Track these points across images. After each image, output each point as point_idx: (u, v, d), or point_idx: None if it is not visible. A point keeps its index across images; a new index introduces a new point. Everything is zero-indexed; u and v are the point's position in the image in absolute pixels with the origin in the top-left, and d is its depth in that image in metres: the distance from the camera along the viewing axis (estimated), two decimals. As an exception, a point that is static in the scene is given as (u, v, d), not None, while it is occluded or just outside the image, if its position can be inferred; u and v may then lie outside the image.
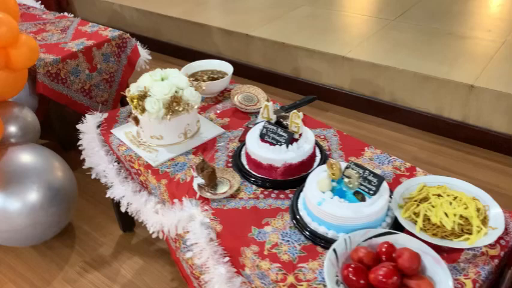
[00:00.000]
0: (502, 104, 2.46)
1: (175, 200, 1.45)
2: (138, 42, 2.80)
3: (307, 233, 1.28)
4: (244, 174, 1.50)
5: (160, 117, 1.56)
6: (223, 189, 1.45)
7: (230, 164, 1.57)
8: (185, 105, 1.57)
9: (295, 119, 1.48)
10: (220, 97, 1.96)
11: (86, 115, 1.81)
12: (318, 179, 1.30)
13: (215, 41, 3.50)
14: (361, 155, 1.58)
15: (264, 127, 1.53)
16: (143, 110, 1.57)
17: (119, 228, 2.14)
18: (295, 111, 1.48)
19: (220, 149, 1.64)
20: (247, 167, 1.53)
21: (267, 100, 1.53)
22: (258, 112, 1.80)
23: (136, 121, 1.64)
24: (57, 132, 2.69)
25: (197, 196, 1.43)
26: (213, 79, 1.96)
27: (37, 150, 2.06)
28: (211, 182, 1.45)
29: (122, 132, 1.74)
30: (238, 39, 3.37)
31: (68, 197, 2.02)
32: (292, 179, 1.47)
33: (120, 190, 1.65)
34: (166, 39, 3.77)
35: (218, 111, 1.84)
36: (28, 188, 1.89)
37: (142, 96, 1.59)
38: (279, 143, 1.48)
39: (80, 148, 1.86)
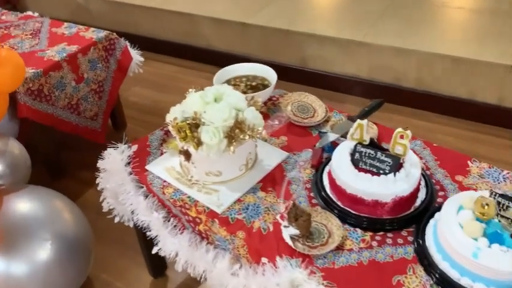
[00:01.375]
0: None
1: (264, 259, 1.12)
2: (127, 43, 2.37)
3: (458, 292, 1.00)
4: (341, 214, 1.19)
5: (222, 149, 1.21)
6: (322, 238, 1.14)
7: (315, 201, 1.25)
8: (250, 130, 1.22)
9: (400, 139, 1.18)
10: (263, 108, 1.61)
11: (109, 149, 1.42)
12: (464, 221, 1.02)
13: (204, 33, 3.10)
14: (468, 172, 1.31)
15: (356, 151, 1.22)
16: (199, 143, 1.21)
17: (147, 273, 1.77)
18: (399, 129, 1.18)
19: (294, 181, 1.31)
20: (339, 203, 1.22)
21: (352, 119, 1.22)
22: (318, 125, 1.49)
23: (188, 156, 1.28)
24: (43, 159, 2.24)
25: (289, 247, 1.11)
26: (252, 88, 1.61)
27: (38, 194, 1.64)
28: (308, 231, 1.14)
29: (162, 169, 1.37)
30: (232, 29, 2.99)
31: (84, 247, 1.63)
32: (403, 216, 1.18)
33: (172, 245, 1.30)
34: (144, 33, 3.31)
35: (273, 129, 1.51)
36: (35, 245, 1.50)
37: (195, 125, 1.23)
38: (381, 171, 1.18)
39: (102, 191, 1.48)
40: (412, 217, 1.17)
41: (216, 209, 1.23)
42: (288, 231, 1.13)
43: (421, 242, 1.10)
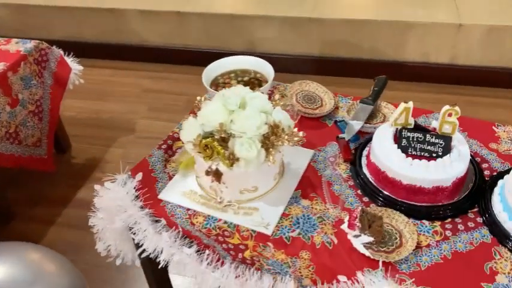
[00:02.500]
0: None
1: (342, 277, 0.98)
2: (61, 51, 2.04)
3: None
4: (402, 209, 1.09)
5: (261, 161, 1.04)
6: (394, 240, 1.03)
7: (366, 199, 1.14)
8: (286, 134, 1.06)
9: (448, 117, 1.10)
10: (261, 104, 1.45)
11: (106, 183, 1.17)
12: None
13: (134, 28, 2.80)
14: (498, 138, 1.27)
15: (403, 137, 1.12)
16: (233, 159, 1.03)
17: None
18: (447, 106, 1.09)
19: (333, 181, 1.18)
20: (394, 197, 1.11)
21: (405, 102, 1.12)
22: (329, 114, 1.36)
23: (218, 176, 1.08)
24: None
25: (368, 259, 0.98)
26: (246, 84, 1.44)
27: (7, 251, 1.33)
28: (381, 236, 1.02)
29: (179, 195, 1.16)
30: (166, 20, 2.73)
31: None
32: (464, 197, 1.11)
33: (215, 280, 1.10)
34: (61, 37, 2.91)
35: (288, 127, 1.35)
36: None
37: (223, 139, 1.04)
38: (435, 155, 1.09)
39: (98, 235, 1.24)
40: (472, 196, 1.11)
41: (264, 231, 1.06)
42: (360, 240, 1.00)
43: (492, 220, 1.04)
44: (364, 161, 1.21)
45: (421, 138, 1.11)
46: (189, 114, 1.38)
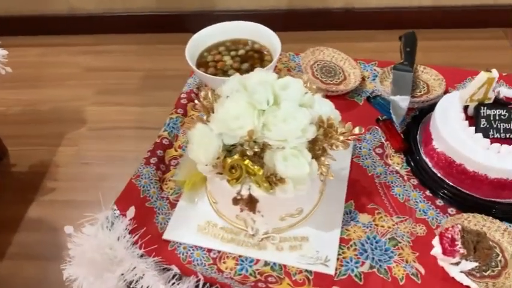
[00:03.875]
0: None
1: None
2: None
3: None
4: (490, 211, 0.84)
5: (314, 177, 0.74)
6: (496, 257, 0.78)
7: (440, 202, 0.87)
8: (341, 135, 0.75)
9: None
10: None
11: (85, 230, 0.82)
12: None
13: (62, -6, 2.29)
14: None
15: (481, 116, 0.85)
16: (274, 182, 0.71)
17: None
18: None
19: (391, 182, 0.90)
20: (478, 196, 0.86)
21: (487, 71, 0.83)
22: (355, 91, 1.07)
23: (252, 204, 0.76)
24: None
25: None
26: (245, 59, 1.09)
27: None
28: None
29: (193, 231, 0.83)
30: (101, -19, 2.25)
31: None
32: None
33: None
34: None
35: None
36: None
37: (257, 154, 0.72)
38: (526, 136, 0.84)
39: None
40: None
41: (325, 270, 0.77)
42: (461, 268, 0.74)
43: None
44: (420, 149, 0.94)
45: (504, 115, 0.85)
46: (176, 112, 1.03)
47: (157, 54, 2.28)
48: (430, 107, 1.01)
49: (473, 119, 0.87)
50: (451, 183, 0.88)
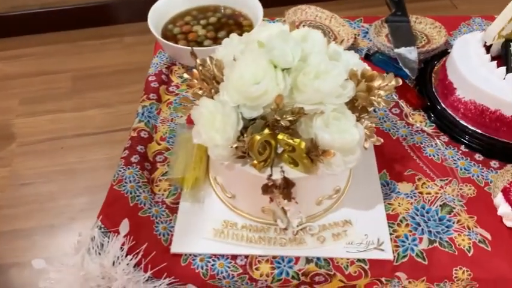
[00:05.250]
0: None
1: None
2: None
3: None
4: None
5: (363, 139, 0.59)
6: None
7: (480, 157, 0.76)
8: (381, 89, 0.62)
9: None
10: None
11: (66, 259, 0.61)
12: None
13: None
14: None
15: (510, 54, 0.75)
16: (317, 156, 0.56)
17: None
18: None
19: (420, 143, 0.79)
20: (516, 142, 0.77)
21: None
22: (351, 47, 0.94)
23: (288, 190, 0.59)
24: None
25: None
26: (220, 27, 0.93)
27: None
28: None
29: (209, 237, 0.65)
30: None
31: None
32: None
33: None
34: None
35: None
36: None
37: (292, 123, 0.56)
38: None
39: None
40: None
41: (382, 256, 0.63)
42: (535, 225, 0.64)
43: None
44: (441, 102, 0.83)
45: (534, 49, 0.76)
46: (147, 97, 0.85)
47: (86, 52, 2.02)
48: (434, 57, 0.92)
49: (500, 58, 0.77)
50: (486, 134, 0.77)
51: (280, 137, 0.56)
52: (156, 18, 0.91)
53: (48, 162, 1.55)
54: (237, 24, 0.93)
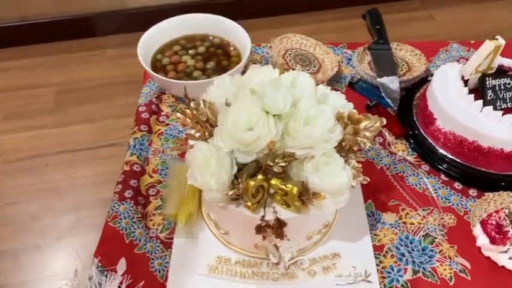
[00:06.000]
0: None
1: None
2: None
3: None
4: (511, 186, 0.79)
5: (350, 180, 0.62)
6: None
7: (459, 185, 0.80)
8: (367, 131, 0.65)
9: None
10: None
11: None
12: None
13: None
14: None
15: (487, 88, 0.80)
16: (308, 199, 0.59)
17: None
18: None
19: (403, 172, 0.82)
20: (497, 172, 0.81)
21: (492, 39, 0.76)
22: (334, 78, 0.97)
23: (280, 229, 0.62)
24: None
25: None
26: (208, 57, 0.95)
27: None
28: (532, 238, 0.71)
29: (204, 274, 0.68)
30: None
31: None
32: None
33: None
34: None
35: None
36: None
37: (284, 168, 0.59)
38: (532, 103, 0.80)
39: None
40: None
41: (371, 287, 0.67)
42: (510, 254, 0.68)
43: None
44: (421, 129, 0.87)
45: (509, 84, 0.80)
46: (139, 129, 0.86)
47: (69, 65, 2.01)
48: (414, 85, 0.96)
49: (477, 91, 0.81)
50: (465, 163, 0.82)
51: (273, 182, 0.59)
52: (145, 48, 0.92)
53: (32, 180, 1.55)
54: (225, 54, 0.95)
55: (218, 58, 0.94)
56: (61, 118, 1.78)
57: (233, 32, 0.95)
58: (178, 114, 0.67)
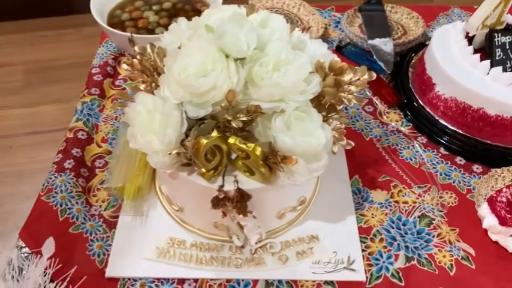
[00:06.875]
0: None
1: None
2: None
3: None
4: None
5: (330, 143, 0.50)
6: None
7: (461, 160, 0.69)
8: (353, 85, 0.53)
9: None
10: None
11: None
12: None
13: None
14: None
15: (496, 46, 0.68)
16: (276, 164, 0.47)
17: None
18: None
19: (396, 144, 0.71)
20: (503, 145, 0.69)
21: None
22: (322, 37, 0.85)
23: (243, 204, 0.50)
24: None
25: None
26: (174, 13, 0.82)
27: None
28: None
29: (152, 258, 0.55)
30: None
31: None
32: None
33: None
34: None
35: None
36: None
37: (246, 124, 0.47)
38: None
39: None
40: None
41: (353, 277, 0.55)
42: (523, 238, 0.56)
43: None
44: (418, 98, 0.75)
45: (517, 41, 0.68)
46: (89, 93, 0.74)
47: (40, 43, 1.86)
48: (411, 50, 0.84)
49: (483, 51, 0.69)
50: (468, 135, 0.70)
51: (231, 140, 0.47)
52: (102, 2, 0.80)
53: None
54: (194, 10, 0.83)
55: (186, 14, 0.82)
56: (29, 98, 1.64)
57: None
58: (125, 66, 0.55)
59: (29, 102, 1.65)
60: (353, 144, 0.53)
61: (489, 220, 0.57)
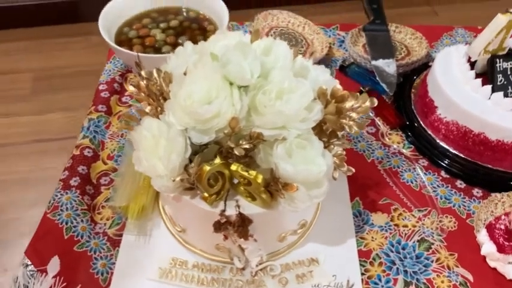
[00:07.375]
0: None
1: None
2: None
3: None
4: None
5: (331, 170, 0.51)
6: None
7: (461, 184, 0.69)
8: (354, 112, 0.54)
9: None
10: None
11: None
12: None
13: None
14: None
15: (497, 71, 0.69)
16: (277, 191, 0.48)
17: None
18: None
19: (397, 167, 0.71)
20: (504, 170, 0.70)
21: (506, 12, 0.64)
22: (323, 60, 0.86)
23: (245, 229, 0.51)
24: None
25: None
26: (181, 31, 0.84)
27: None
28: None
29: (154, 279, 0.56)
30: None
31: None
32: None
33: None
34: None
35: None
36: None
37: (248, 152, 0.48)
38: (549, 91, 0.69)
39: None
40: None
41: (352, 301, 0.56)
42: (521, 266, 0.57)
43: None
44: (420, 120, 0.76)
45: (522, 68, 0.69)
46: (96, 109, 0.75)
47: (49, 50, 1.89)
48: (414, 71, 0.85)
49: (485, 75, 0.70)
50: (469, 158, 0.71)
51: (233, 167, 0.48)
52: (110, 19, 0.81)
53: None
54: (200, 29, 0.84)
55: (192, 33, 0.83)
56: (36, 105, 1.67)
57: (210, 5, 0.84)
58: (131, 88, 0.56)
59: (36, 109, 1.67)
60: (353, 170, 0.53)
61: (487, 247, 0.57)
